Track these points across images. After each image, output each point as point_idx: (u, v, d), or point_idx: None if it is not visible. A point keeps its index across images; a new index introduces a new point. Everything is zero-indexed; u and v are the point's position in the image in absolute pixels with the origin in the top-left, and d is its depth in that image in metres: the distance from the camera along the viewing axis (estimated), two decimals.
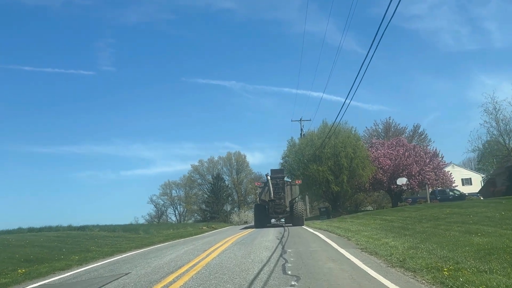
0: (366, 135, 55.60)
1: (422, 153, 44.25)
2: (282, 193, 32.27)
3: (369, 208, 70.34)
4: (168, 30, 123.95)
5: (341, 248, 11.94)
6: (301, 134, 52.74)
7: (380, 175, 42.96)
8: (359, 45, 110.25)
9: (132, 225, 31.39)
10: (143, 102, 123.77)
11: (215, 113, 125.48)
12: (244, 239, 17.34)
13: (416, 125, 58.22)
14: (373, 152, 44.47)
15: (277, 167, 41.50)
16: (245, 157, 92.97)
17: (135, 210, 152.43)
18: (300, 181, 36.12)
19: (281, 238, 16.63)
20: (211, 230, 34.56)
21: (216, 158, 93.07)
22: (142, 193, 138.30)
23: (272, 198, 31.68)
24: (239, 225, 65.82)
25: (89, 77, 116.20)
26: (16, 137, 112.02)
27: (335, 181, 41.96)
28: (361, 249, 11.51)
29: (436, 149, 44.66)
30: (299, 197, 38.91)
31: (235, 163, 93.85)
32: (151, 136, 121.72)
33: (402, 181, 41.04)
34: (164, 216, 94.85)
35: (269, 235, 18.77)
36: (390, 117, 56.53)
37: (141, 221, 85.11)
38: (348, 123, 44.10)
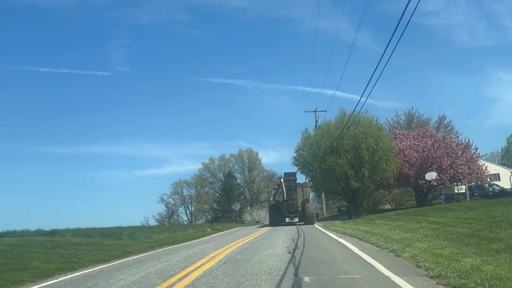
0: (387, 127, 49.98)
1: (453, 144, 38.59)
2: (294, 194, 35.18)
3: (387, 206, 64.61)
4: (181, 30, 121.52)
5: (397, 275, 6.77)
6: (316, 126, 47.46)
7: (406, 169, 37.41)
8: (373, 41, 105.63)
9: (118, 229, 26.57)
10: (157, 102, 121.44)
11: (228, 112, 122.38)
12: (242, 251, 12.25)
13: (442, 116, 52.34)
14: (397, 144, 38.92)
15: (290, 162, 38.32)
16: (257, 154, 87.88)
17: (147, 210, 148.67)
18: (310, 183, 39.19)
19: (294, 249, 11.51)
20: (215, 233, 29.56)
21: (227, 156, 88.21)
22: (155, 192, 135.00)
23: (285, 198, 34.66)
24: (251, 225, 60.84)
25: (104, 77, 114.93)
26: (33, 138, 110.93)
27: (355, 176, 36.59)
28: (435, 278, 6.36)
29: (469, 140, 38.96)
30: (310, 196, 41.34)
31: (247, 161, 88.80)
32: (165, 136, 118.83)
33: (431, 175, 35.38)
34: (175, 216, 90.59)
35: (278, 244, 13.63)
36: (412, 107, 50.74)
37: (152, 221, 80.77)
38: (368, 111, 38.65)
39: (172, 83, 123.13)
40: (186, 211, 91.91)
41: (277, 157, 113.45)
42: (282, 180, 36.11)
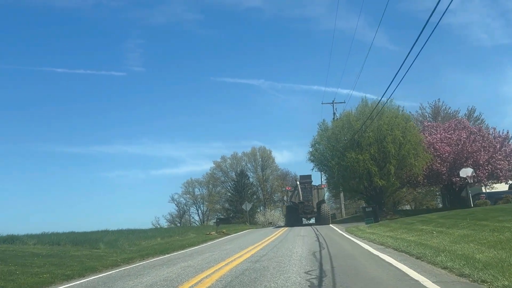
0: (412, 120, 44.87)
1: (490, 137, 33.51)
2: (310, 196, 36.07)
3: (407, 207, 59.30)
4: (196, 30, 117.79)
5: None
6: (333, 119, 42.72)
7: (437, 165, 32.50)
8: (390, 41, 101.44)
9: (100, 233, 22.27)
10: (172, 102, 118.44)
11: (243, 112, 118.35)
12: (238, 276, 7.78)
13: (471, 108, 46.84)
14: (426, 137, 34.00)
15: (305, 158, 35.01)
16: (270, 152, 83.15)
17: (160, 211, 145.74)
18: (325, 185, 40.55)
19: (319, 278, 6.99)
20: (219, 237, 25.14)
21: (240, 154, 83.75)
22: (168, 192, 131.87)
23: (301, 200, 35.47)
24: (263, 226, 56.18)
25: (120, 77, 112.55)
26: (48, 138, 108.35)
27: (379, 173, 31.83)
28: None
29: (507, 132, 33.76)
30: (326, 197, 42.48)
31: (260, 159, 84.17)
32: (180, 135, 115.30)
33: (467, 172, 30.32)
34: (186, 216, 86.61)
35: (292, 264, 9.07)
36: (439, 99, 45.42)
37: (163, 221, 77.28)
38: (394, 101, 33.73)
39: (186, 83, 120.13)
40: (198, 211, 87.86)
41: (291, 157, 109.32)
42: (298, 182, 37.32)
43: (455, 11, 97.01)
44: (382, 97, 29.60)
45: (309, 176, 38.68)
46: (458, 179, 31.39)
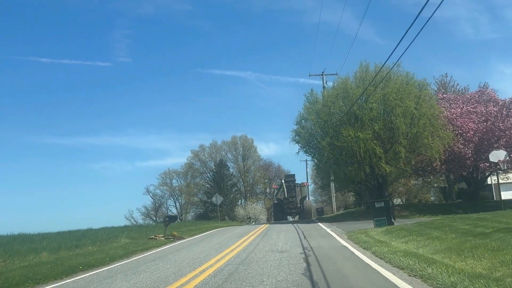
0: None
1: None
2: (294, 193, 40.91)
3: (398, 201, 51.06)
4: (184, 21, 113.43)
5: None
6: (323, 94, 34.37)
7: (460, 146, 24.50)
8: (376, 33, 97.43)
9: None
10: (159, 93, 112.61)
11: (229, 104, 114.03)
12: None
13: (484, 84, 38.56)
14: (443, 112, 25.95)
15: (290, 137, 27.24)
16: (252, 141, 74.80)
17: (135, 203, 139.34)
18: (307, 183, 47.94)
19: None
20: (164, 245, 16.61)
21: (219, 143, 75.26)
22: (147, 184, 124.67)
23: (286, 197, 40.25)
24: (243, 221, 47.86)
25: (105, 68, 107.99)
26: (31, 128, 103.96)
27: (385, 157, 23.69)
28: None
29: None
30: (309, 191, 49.20)
31: (241, 149, 75.66)
32: (166, 127, 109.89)
33: (499, 155, 22.31)
34: (163, 209, 78.01)
35: None
36: (446, 74, 37.21)
37: (137, 215, 70.12)
38: (402, 65, 25.27)
39: (173, 74, 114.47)
40: (175, 204, 79.38)
41: (278, 150, 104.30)
42: (283, 181, 41.81)
43: (442, 5, 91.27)
44: (386, 60, 21.22)
45: (293, 175, 44.55)
46: (487, 164, 23.43)
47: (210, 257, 10.75)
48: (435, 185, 44.57)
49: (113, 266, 11.15)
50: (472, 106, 25.75)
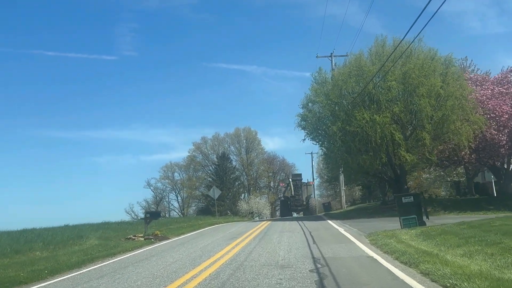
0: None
1: None
2: (300, 191, 43.43)
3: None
4: (189, 14, 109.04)
5: None
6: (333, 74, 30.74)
7: (492, 132, 20.87)
8: (382, 26, 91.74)
9: None
10: (164, 87, 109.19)
11: (235, 98, 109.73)
12: None
13: (508, 68, 34.61)
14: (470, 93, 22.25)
15: (294, 124, 23.43)
16: (256, 134, 71.14)
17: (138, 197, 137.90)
18: (313, 182, 50.96)
19: None
20: (142, 247, 13.25)
21: (222, 135, 71.73)
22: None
23: (293, 194, 42.97)
24: (244, 216, 44.68)
25: (111, 61, 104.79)
26: (37, 122, 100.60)
27: (405, 144, 20.11)
28: None
29: None
30: (314, 192, 50.72)
31: (244, 141, 72.07)
32: (171, 121, 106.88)
33: None
34: (164, 203, 74.86)
35: None
36: (466, 57, 33.08)
37: (137, 209, 67.15)
38: (423, 40, 21.47)
39: (178, 68, 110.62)
40: (177, 198, 76.11)
41: (283, 144, 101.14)
42: (290, 180, 44.13)
43: None
44: (407, 32, 17.17)
45: (300, 175, 46.85)
46: None
47: (177, 275, 7.32)
48: (448, 179, 41.02)
49: (37, 286, 7.73)
50: (505, 87, 22.07)
